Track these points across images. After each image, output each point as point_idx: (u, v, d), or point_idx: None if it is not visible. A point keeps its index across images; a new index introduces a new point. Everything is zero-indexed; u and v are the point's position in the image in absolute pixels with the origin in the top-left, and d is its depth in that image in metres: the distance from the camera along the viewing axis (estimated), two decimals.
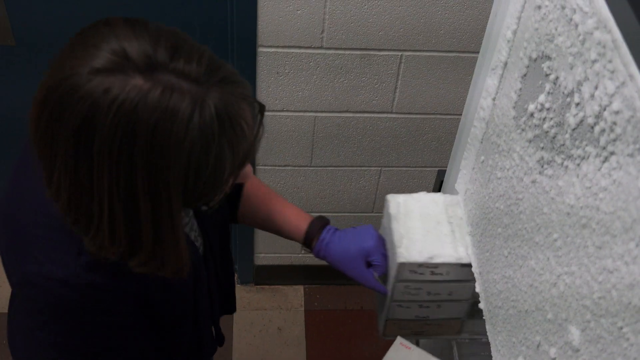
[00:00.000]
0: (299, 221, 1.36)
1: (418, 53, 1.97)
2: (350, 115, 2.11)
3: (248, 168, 0.97)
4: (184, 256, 0.91)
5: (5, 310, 0.97)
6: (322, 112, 2.08)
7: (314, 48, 1.93)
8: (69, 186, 0.81)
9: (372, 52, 1.96)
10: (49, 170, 0.83)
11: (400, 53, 1.96)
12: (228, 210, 1.33)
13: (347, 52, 1.95)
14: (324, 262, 1.36)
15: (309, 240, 1.34)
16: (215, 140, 0.81)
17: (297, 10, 1.84)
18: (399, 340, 1.29)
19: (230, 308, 1.46)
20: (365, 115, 2.11)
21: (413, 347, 1.28)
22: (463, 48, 1.95)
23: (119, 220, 0.82)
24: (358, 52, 1.95)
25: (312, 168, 2.24)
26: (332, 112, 2.09)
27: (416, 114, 2.12)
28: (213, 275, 1.27)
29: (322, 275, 2.58)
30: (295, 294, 2.64)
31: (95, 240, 0.85)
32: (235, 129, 0.83)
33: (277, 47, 1.91)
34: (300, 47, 1.92)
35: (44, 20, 1.97)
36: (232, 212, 1.36)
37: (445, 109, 2.11)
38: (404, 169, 2.28)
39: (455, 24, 1.90)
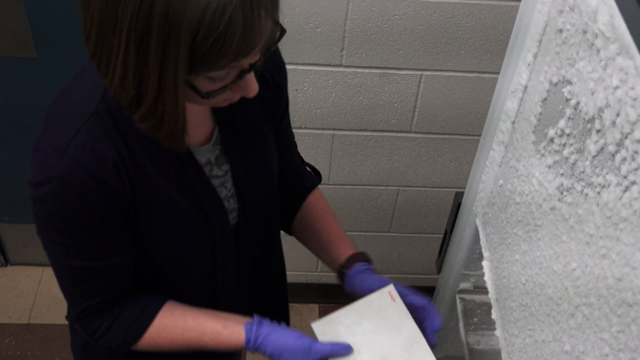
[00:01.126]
0: (344, 249, 1.34)
1: (438, 73, 1.95)
2: (369, 133, 2.09)
3: (253, 84, 0.97)
4: (180, 123, 0.94)
5: (24, 321, 0.99)
6: (340, 129, 2.07)
7: (333, 66, 1.93)
8: (98, 23, 0.87)
9: (391, 71, 1.95)
10: (85, 17, 0.89)
11: (420, 72, 1.95)
12: (277, 195, 1.31)
13: (367, 70, 1.94)
14: (339, 282, 1.35)
15: (341, 274, 1.33)
16: (233, 4, 0.83)
17: (317, 28, 1.84)
18: (390, 288, 1.23)
19: (281, 312, 1.49)
20: (384, 134, 2.10)
21: (399, 301, 1.21)
22: (484, 69, 1.94)
23: (131, 63, 0.87)
24: (377, 71, 1.94)
25: (329, 186, 2.23)
26: (351, 130, 2.08)
27: (435, 133, 2.11)
28: (247, 253, 1.27)
29: (338, 294, 2.55)
30: (309, 313, 2.61)
31: (112, 82, 0.91)
32: (253, 9, 0.85)
33: (297, 64, 1.91)
34: (319, 65, 1.92)
35: (64, 33, 1.98)
36: (289, 220, 1.39)
37: (464, 130, 2.09)
38: (422, 189, 2.26)
39: (476, 45, 1.89)
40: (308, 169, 1.43)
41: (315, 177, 1.43)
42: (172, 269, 1.18)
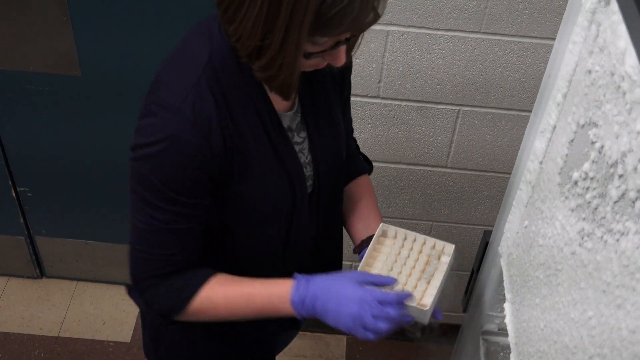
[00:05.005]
0: (360, 232, 1.41)
1: (476, 109, 1.93)
2: (404, 167, 2.08)
3: (343, 55, 1.07)
4: (296, 76, 1.04)
5: (54, 334, 1.00)
6: (375, 161, 2.05)
7: (370, 97, 1.92)
8: None
9: (429, 105, 1.93)
10: None
11: (457, 107, 1.93)
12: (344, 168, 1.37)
13: (404, 103, 1.93)
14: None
15: (357, 250, 1.39)
16: None
17: (356, 59, 1.84)
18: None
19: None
20: (419, 167, 2.08)
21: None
22: (522, 107, 1.91)
23: (262, 16, 0.97)
24: (414, 104, 1.93)
25: None
26: (386, 162, 2.07)
27: (471, 170, 2.08)
28: (314, 223, 1.32)
29: None
30: (337, 344, 2.59)
31: (238, 30, 1.01)
32: None
33: None
34: (356, 96, 1.91)
35: (109, 54, 2.02)
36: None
37: (501, 167, 2.06)
38: (456, 225, 2.22)
39: (515, 82, 1.86)
40: (361, 157, 1.51)
41: (366, 164, 1.50)
42: (250, 231, 1.23)
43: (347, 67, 1.32)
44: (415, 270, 1.28)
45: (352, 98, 1.90)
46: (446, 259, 1.29)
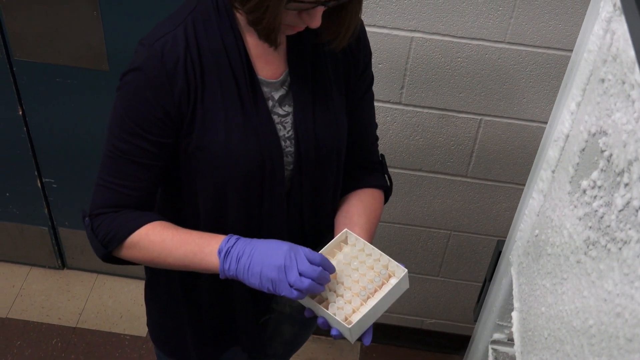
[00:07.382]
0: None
1: (498, 119, 1.92)
2: (424, 174, 2.07)
3: (319, 18, 1.11)
4: (278, 21, 1.09)
5: (72, 325, 1.01)
6: (395, 167, 2.06)
7: (392, 103, 1.92)
8: None
9: (451, 113, 1.93)
10: None
11: (480, 117, 1.93)
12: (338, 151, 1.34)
13: (426, 110, 1.93)
14: (386, 321, 1.32)
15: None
16: None
17: (379, 64, 1.84)
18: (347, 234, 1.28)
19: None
20: (439, 176, 2.07)
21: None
22: (545, 119, 1.89)
23: None
24: (436, 112, 1.93)
25: (380, 223, 2.21)
26: (406, 169, 2.07)
27: (492, 180, 2.07)
28: (297, 209, 1.31)
29: (382, 334, 2.52)
30: (351, 350, 2.58)
31: None
32: None
33: None
34: (378, 101, 1.91)
35: None
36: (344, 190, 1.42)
37: (522, 179, 2.04)
38: (475, 235, 2.21)
39: (539, 93, 1.85)
40: (387, 177, 1.46)
41: (385, 181, 1.44)
42: (214, 193, 1.23)
43: (355, 61, 1.30)
44: (356, 285, 1.21)
45: (374, 103, 1.91)
46: (394, 282, 1.22)
